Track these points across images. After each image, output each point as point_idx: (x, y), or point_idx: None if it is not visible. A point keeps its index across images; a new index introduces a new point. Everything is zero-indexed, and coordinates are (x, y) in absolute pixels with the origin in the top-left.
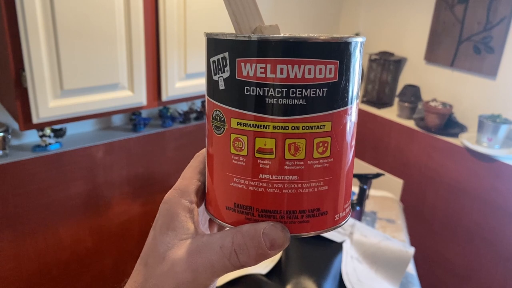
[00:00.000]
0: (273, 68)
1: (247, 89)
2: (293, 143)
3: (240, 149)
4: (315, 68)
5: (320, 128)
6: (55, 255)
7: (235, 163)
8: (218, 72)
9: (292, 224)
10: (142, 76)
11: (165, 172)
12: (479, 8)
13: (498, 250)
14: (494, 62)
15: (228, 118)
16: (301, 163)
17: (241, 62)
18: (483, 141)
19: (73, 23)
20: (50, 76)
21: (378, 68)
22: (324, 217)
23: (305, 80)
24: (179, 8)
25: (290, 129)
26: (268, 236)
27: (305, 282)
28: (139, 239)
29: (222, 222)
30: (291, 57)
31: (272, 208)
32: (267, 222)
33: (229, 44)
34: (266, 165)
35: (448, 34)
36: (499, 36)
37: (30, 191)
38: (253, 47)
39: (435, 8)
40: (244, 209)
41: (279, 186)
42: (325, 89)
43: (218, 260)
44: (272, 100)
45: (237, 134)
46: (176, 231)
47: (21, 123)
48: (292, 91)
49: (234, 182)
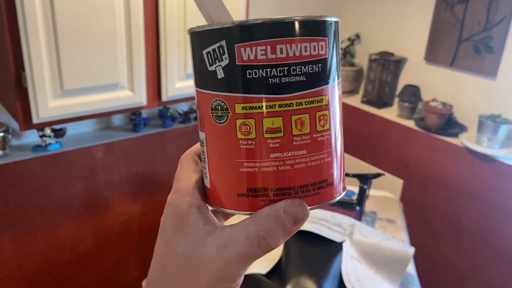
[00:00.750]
0: (273, 49)
1: (249, 72)
2: (299, 119)
3: (248, 133)
4: (310, 46)
5: (319, 102)
6: (55, 255)
7: (244, 148)
8: (215, 61)
9: (306, 198)
10: (142, 76)
11: (165, 172)
12: (479, 8)
13: (498, 250)
14: (494, 62)
15: (231, 105)
16: (308, 137)
17: (241, 47)
18: (483, 141)
19: (73, 23)
20: (50, 76)
21: (378, 68)
22: (331, 188)
23: (303, 57)
24: (179, 8)
25: (295, 105)
26: (290, 213)
27: (305, 282)
28: (139, 239)
29: (235, 210)
30: (288, 36)
31: (287, 185)
32: (284, 201)
33: (225, 32)
34: (276, 144)
35: (448, 34)
36: (499, 36)
37: (30, 191)
38: (251, 32)
39: (435, 8)
40: (258, 192)
41: (291, 162)
42: (320, 65)
43: (248, 249)
44: (275, 79)
45: (243, 118)
46: (192, 229)
47: (21, 123)
48: (293, 69)
49: (244, 167)
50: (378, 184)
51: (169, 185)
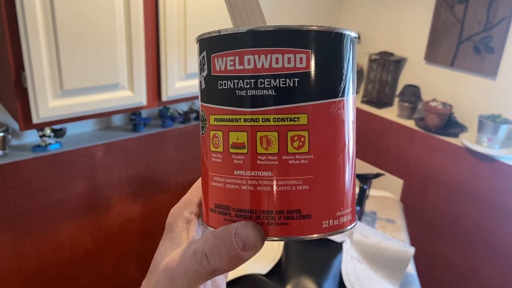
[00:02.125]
0: (240, 60)
1: (220, 83)
2: (265, 136)
3: (217, 146)
4: (283, 57)
5: (293, 120)
6: (55, 255)
7: (214, 161)
8: (201, 72)
9: (269, 226)
10: (142, 76)
11: (165, 172)
12: (479, 8)
13: (498, 250)
14: (494, 62)
15: (208, 116)
16: (275, 158)
17: (215, 57)
18: (483, 141)
19: (73, 23)
20: (50, 76)
21: (378, 68)
22: (307, 221)
23: (272, 70)
24: (179, 8)
25: (261, 121)
26: (239, 236)
27: (305, 282)
28: (139, 239)
29: (207, 225)
30: (256, 47)
31: (248, 207)
32: (239, 222)
33: (206, 42)
34: (239, 160)
35: (448, 34)
36: (499, 36)
37: (30, 191)
38: (222, 41)
39: (435, 8)
40: (222, 209)
41: (253, 183)
42: (297, 79)
43: (191, 265)
44: (242, 92)
45: (215, 130)
46: (171, 241)
47: (21, 123)
48: (260, 82)
49: (214, 181)
50: (378, 184)
51: (169, 185)
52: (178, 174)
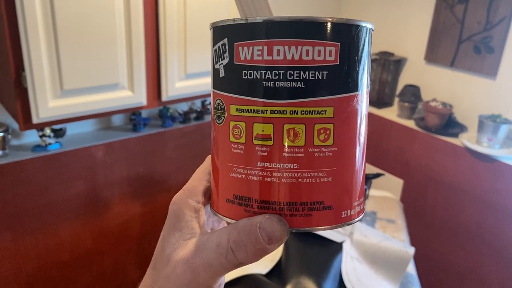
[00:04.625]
0: (269, 50)
1: (244, 73)
2: (292, 129)
3: (239, 137)
4: (313, 50)
5: (320, 113)
6: (55, 255)
7: (234, 152)
8: (219, 59)
9: (293, 217)
10: (142, 76)
11: (165, 172)
12: (479, 8)
13: (498, 250)
14: (494, 62)
15: (227, 106)
16: (301, 150)
17: (239, 46)
18: (483, 141)
19: (73, 23)
20: (50, 76)
21: (378, 68)
22: (329, 212)
23: (303, 62)
24: (179, 8)
25: (289, 113)
26: (265, 230)
27: (305, 282)
28: (139, 239)
29: (223, 216)
30: (288, 38)
31: (271, 199)
32: (263, 215)
33: (228, 30)
34: (264, 152)
35: (448, 34)
36: (499, 36)
37: (30, 191)
38: (250, 30)
39: (435, 8)
40: (243, 200)
41: (278, 175)
42: (325, 72)
43: (216, 259)
44: (269, 83)
45: (236, 121)
46: (182, 231)
47: (21, 123)
48: (290, 73)
49: (233, 172)
50: (378, 184)
51: (169, 185)
52: (178, 174)
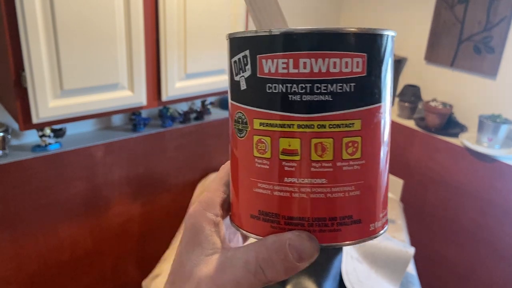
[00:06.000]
0: (295, 63)
1: (269, 86)
2: (320, 143)
3: (264, 152)
4: (341, 62)
5: (349, 126)
6: (55, 255)
7: (259, 167)
8: (239, 72)
9: (322, 233)
10: (142, 76)
11: (165, 172)
12: (479, 8)
13: (498, 250)
14: (494, 62)
15: (250, 120)
16: (329, 164)
17: (262, 58)
18: (483, 141)
19: (73, 23)
20: (50, 76)
21: None
22: (358, 226)
23: (330, 75)
24: (179, 8)
25: (316, 127)
26: (295, 247)
27: (305, 282)
28: (139, 239)
29: (247, 232)
30: (314, 50)
31: (299, 215)
32: (292, 232)
33: (250, 41)
34: (291, 167)
35: (448, 34)
36: (499, 36)
37: (30, 191)
38: (274, 42)
39: (435, 8)
40: (269, 216)
41: (306, 191)
42: (353, 84)
43: (243, 276)
44: (296, 97)
45: (260, 135)
46: (202, 246)
47: (21, 123)
48: (317, 87)
49: (258, 188)
50: None
51: (169, 185)
52: (178, 174)
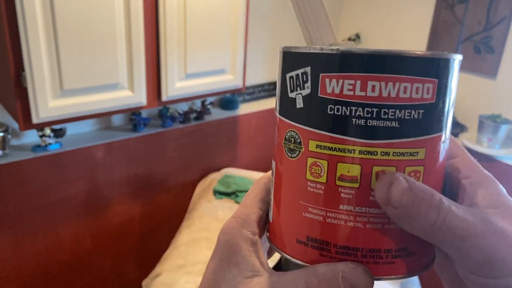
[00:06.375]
0: (363, 85)
1: (330, 107)
2: (382, 171)
3: (318, 175)
4: (412, 87)
5: (413, 155)
6: (55, 255)
7: (311, 191)
8: (296, 88)
9: (375, 265)
10: (142, 76)
11: (165, 172)
12: (479, 8)
13: None
14: (494, 62)
15: (305, 140)
16: None
17: (326, 77)
18: (483, 141)
19: (73, 23)
20: (50, 76)
21: None
22: (412, 259)
23: (399, 100)
24: (179, 8)
25: (379, 154)
26: (348, 280)
27: None
28: (139, 239)
29: (292, 257)
30: (385, 73)
31: (353, 245)
32: (346, 264)
33: (312, 58)
34: (348, 194)
35: (448, 34)
36: (499, 36)
37: (30, 191)
38: (341, 61)
39: (435, 8)
40: (319, 244)
41: (363, 220)
42: (421, 111)
43: None
44: (360, 121)
45: (316, 158)
46: (240, 267)
47: (21, 123)
48: (384, 112)
49: (308, 213)
50: None
51: (169, 185)
52: (178, 174)
